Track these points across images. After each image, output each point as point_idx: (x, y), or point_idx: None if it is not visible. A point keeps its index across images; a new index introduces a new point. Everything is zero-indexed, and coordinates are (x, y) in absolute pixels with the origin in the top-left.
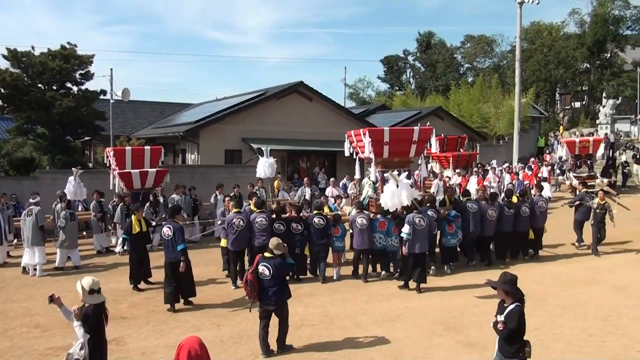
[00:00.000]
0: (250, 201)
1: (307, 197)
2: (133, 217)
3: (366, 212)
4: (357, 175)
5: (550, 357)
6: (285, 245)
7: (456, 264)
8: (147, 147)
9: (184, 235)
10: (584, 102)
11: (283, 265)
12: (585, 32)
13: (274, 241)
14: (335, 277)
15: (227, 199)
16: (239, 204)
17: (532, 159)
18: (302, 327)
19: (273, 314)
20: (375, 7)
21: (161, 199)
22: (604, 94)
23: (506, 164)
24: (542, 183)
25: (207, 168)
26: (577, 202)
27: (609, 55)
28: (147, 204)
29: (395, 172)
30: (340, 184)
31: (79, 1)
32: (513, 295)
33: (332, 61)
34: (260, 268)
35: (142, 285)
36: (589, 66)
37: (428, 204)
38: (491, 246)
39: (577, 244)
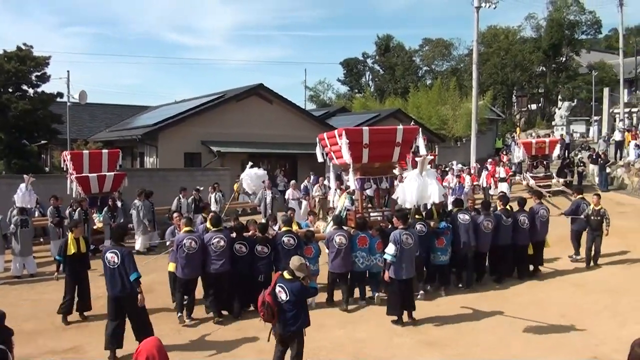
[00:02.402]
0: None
1: (268, 200)
2: (69, 235)
3: (345, 229)
4: (332, 185)
5: (510, 354)
6: (308, 265)
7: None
8: (105, 151)
9: (134, 260)
10: (540, 104)
11: (303, 291)
12: (541, 36)
13: (296, 261)
14: (313, 305)
15: (175, 215)
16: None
17: (489, 160)
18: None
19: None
20: (335, 10)
21: (119, 204)
22: (559, 97)
23: (459, 166)
24: (500, 183)
25: (166, 171)
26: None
27: (564, 58)
28: (106, 208)
29: (430, 157)
30: (301, 187)
31: (36, 2)
32: None
33: (292, 64)
34: (277, 289)
35: (73, 316)
36: (544, 69)
37: (417, 217)
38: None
39: (573, 256)
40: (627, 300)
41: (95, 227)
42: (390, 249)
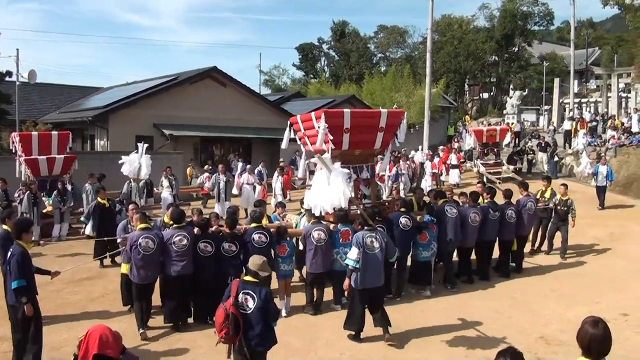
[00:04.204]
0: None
1: (222, 185)
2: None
3: (324, 223)
4: (300, 174)
5: (458, 333)
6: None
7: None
8: (55, 133)
9: (24, 266)
10: (492, 93)
11: (271, 298)
12: (495, 26)
13: (257, 260)
14: (284, 313)
15: (131, 207)
16: (179, 219)
17: (441, 147)
18: None
19: None
20: None
21: (69, 187)
22: (511, 86)
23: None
24: (451, 170)
25: (117, 154)
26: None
27: (516, 49)
28: (55, 192)
29: (327, 156)
30: (256, 171)
31: None
32: None
33: (247, 47)
34: (242, 297)
35: None
36: (497, 59)
37: (403, 209)
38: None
39: (547, 249)
40: (573, 283)
41: (44, 210)
42: (353, 252)
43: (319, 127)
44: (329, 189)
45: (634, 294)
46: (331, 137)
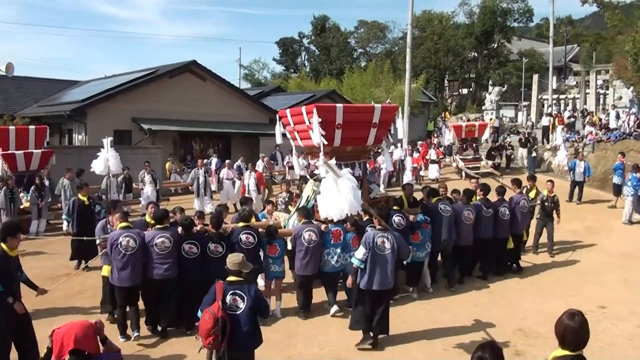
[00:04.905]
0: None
1: (201, 180)
2: None
3: (315, 223)
4: (297, 170)
5: (437, 327)
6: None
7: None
8: (32, 127)
9: (1, 272)
10: (471, 89)
11: (261, 296)
12: (474, 22)
13: (235, 257)
14: (278, 315)
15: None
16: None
17: (419, 142)
18: None
19: None
20: None
21: (47, 182)
22: (490, 82)
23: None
24: (431, 165)
25: (95, 149)
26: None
27: (496, 45)
28: (33, 187)
29: (333, 161)
30: (235, 166)
31: None
32: None
33: (227, 41)
34: (230, 298)
35: None
36: (476, 55)
37: (395, 207)
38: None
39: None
40: (550, 277)
41: (22, 206)
42: (360, 252)
43: (310, 122)
44: (338, 196)
45: (611, 286)
46: (323, 133)
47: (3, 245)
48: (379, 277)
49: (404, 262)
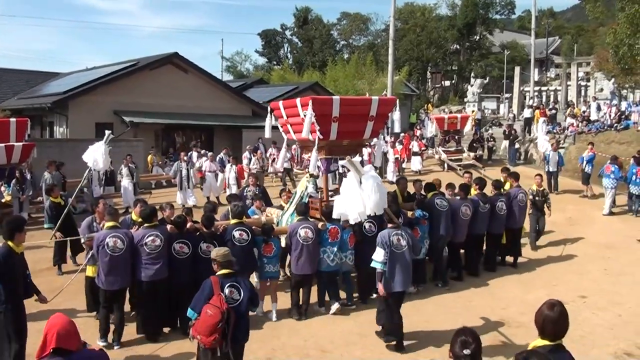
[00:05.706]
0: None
1: (184, 172)
2: None
3: (312, 220)
4: (280, 164)
5: (421, 318)
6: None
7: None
8: (13, 120)
9: (4, 269)
10: (453, 81)
11: (253, 286)
12: (457, 14)
13: (220, 251)
14: (274, 318)
15: (100, 203)
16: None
17: (402, 134)
18: None
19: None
20: None
21: (28, 176)
22: (472, 74)
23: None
24: (413, 157)
25: (76, 142)
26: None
27: (478, 37)
28: (14, 180)
29: (358, 159)
30: (217, 159)
31: None
32: None
33: (209, 33)
34: (227, 290)
35: None
36: (459, 47)
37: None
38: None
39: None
40: (532, 267)
41: (3, 200)
42: (379, 254)
43: (304, 115)
44: (361, 196)
45: (592, 276)
46: (318, 127)
47: (10, 243)
48: (400, 277)
49: None
